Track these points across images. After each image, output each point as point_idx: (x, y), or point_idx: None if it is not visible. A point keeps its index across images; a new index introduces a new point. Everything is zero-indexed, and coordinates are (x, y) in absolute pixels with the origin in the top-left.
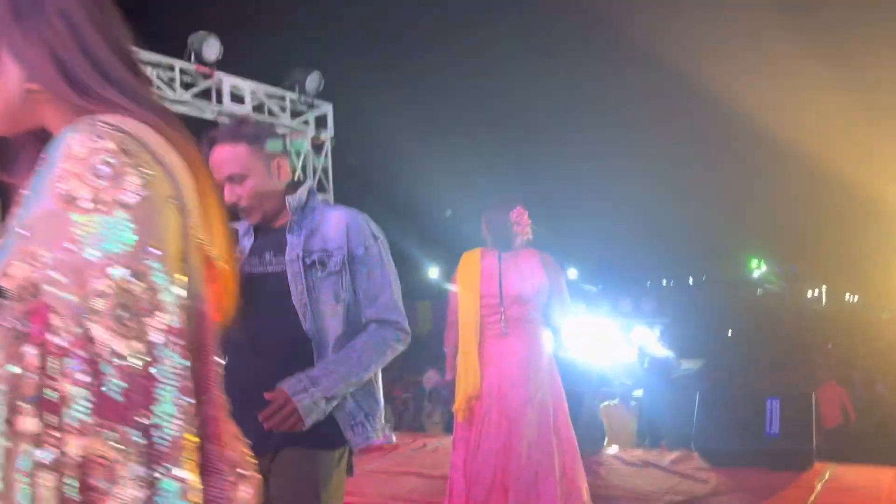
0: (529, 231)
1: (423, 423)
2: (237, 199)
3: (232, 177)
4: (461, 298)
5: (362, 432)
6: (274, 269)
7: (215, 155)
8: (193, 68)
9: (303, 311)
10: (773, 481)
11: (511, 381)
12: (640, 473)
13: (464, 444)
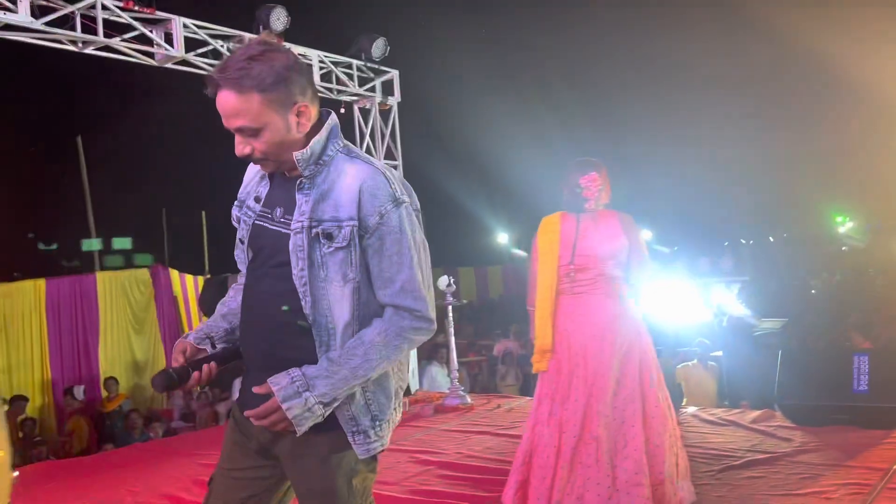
0: (603, 195)
1: (496, 384)
2: (250, 152)
3: (242, 130)
4: (541, 259)
5: (363, 441)
6: (282, 229)
7: (222, 101)
8: None
9: (303, 291)
10: (861, 439)
11: (593, 336)
12: (720, 432)
13: (550, 399)
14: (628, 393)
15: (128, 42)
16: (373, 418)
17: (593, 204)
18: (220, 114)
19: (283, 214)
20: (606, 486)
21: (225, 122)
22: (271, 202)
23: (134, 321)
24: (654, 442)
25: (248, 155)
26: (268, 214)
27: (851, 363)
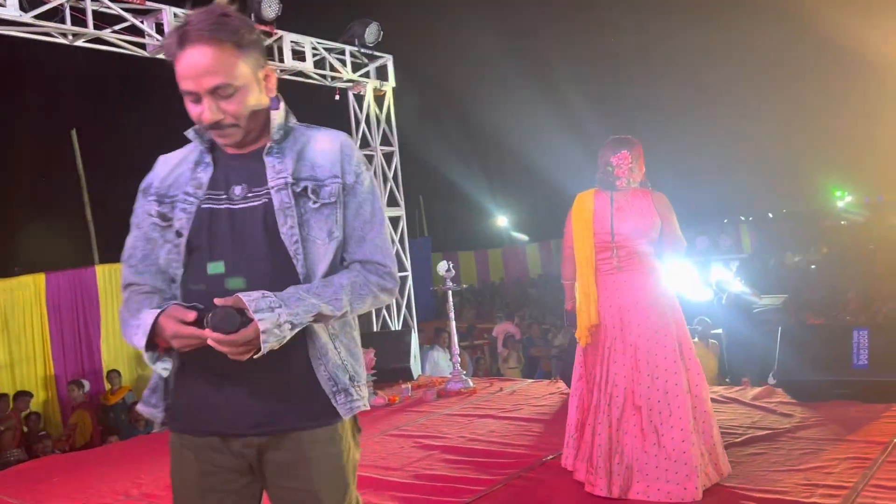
0: (635, 174)
1: (499, 368)
2: (222, 118)
3: (219, 89)
4: (576, 236)
5: (346, 401)
6: (249, 203)
7: (195, 57)
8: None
9: (294, 249)
10: (861, 414)
11: (630, 311)
12: (721, 409)
13: (592, 370)
14: (670, 364)
15: (118, 33)
16: (350, 378)
17: (624, 182)
18: (188, 73)
19: (250, 189)
20: (654, 455)
21: (194, 84)
22: (222, 184)
23: None
24: (702, 409)
25: (218, 122)
26: (221, 196)
27: (851, 338)
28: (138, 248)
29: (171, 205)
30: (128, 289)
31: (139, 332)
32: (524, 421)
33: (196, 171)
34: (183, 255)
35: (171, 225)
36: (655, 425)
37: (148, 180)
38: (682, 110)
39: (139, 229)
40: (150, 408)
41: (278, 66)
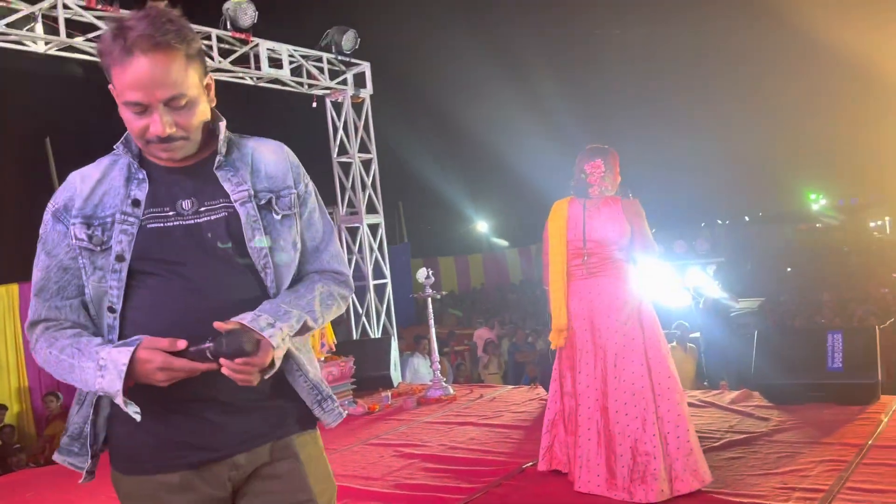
0: (608, 182)
1: (479, 374)
2: (174, 131)
3: (172, 101)
4: (551, 243)
5: (331, 408)
6: (205, 218)
7: (142, 67)
8: (230, 35)
9: (264, 262)
10: (837, 416)
11: (601, 315)
12: (699, 413)
13: (565, 374)
14: (636, 368)
15: (92, 42)
16: (326, 389)
17: (597, 190)
18: (137, 83)
19: (201, 203)
20: (620, 455)
21: (144, 95)
22: (165, 199)
23: None
24: (675, 412)
25: (168, 136)
26: (167, 213)
27: (826, 341)
28: (51, 279)
29: (102, 227)
30: (40, 325)
31: (106, 373)
32: (504, 428)
33: (129, 187)
34: (124, 281)
35: (108, 249)
36: (622, 426)
37: (62, 201)
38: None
39: (52, 258)
40: (72, 457)
41: (255, 73)
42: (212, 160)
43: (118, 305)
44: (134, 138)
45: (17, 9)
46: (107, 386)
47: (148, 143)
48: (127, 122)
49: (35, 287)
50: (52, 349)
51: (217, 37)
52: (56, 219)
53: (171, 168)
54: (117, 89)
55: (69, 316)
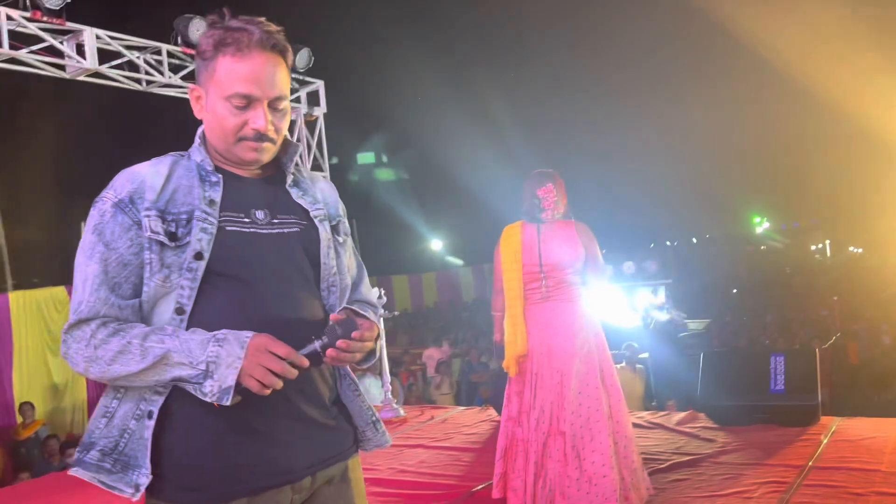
0: (560, 205)
1: (430, 395)
2: (269, 131)
3: (277, 101)
4: (505, 268)
5: (382, 430)
6: (278, 230)
7: (260, 64)
8: (180, 51)
9: (331, 280)
10: (779, 437)
11: (557, 338)
12: (646, 435)
13: (518, 397)
14: (591, 391)
15: (36, 54)
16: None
17: (550, 214)
18: (254, 77)
19: (273, 216)
20: (575, 479)
21: (258, 88)
22: (240, 205)
23: (51, 342)
24: (623, 433)
25: (265, 134)
26: (242, 219)
27: (769, 363)
28: (110, 273)
29: (176, 222)
30: (95, 322)
31: (225, 343)
32: (455, 450)
33: (204, 187)
34: (199, 281)
35: (185, 245)
36: (578, 450)
37: (126, 192)
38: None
39: (111, 250)
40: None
41: None
42: (279, 177)
43: (188, 306)
44: (223, 135)
45: None
46: (224, 355)
47: (239, 141)
48: (220, 118)
49: (88, 281)
50: (129, 338)
51: (167, 52)
52: (119, 209)
53: (241, 177)
54: (223, 83)
55: (129, 317)
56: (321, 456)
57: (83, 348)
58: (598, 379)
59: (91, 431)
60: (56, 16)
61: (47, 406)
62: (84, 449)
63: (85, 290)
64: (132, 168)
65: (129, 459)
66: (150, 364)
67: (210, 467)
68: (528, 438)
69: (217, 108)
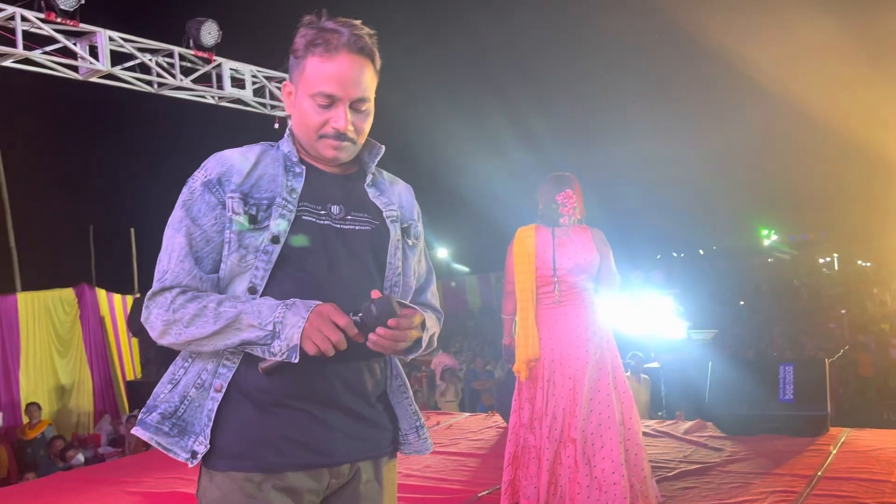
0: (578, 212)
1: (436, 401)
2: (349, 131)
3: (359, 102)
4: (517, 270)
5: (426, 436)
6: (351, 226)
7: (345, 65)
8: (192, 53)
9: (395, 281)
10: (788, 447)
11: (569, 344)
12: (654, 443)
13: (529, 404)
14: (603, 397)
15: (49, 55)
16: None
17: (568, 219)
18: (338, 77)
19: (348, 212)
20: (585, 486)
21: (341, 89)
22: (317, 198)
23: (58, 343)
24: (634, 441)
25: (345, 133)
26: (319, 211)
27: (778, 373)
28: (194, 247)
29: (257, 206)
30: (174, 290)
31: (293, 307)
32: (460, 456)
33: (284, 176)
34: (273, 263)
35: (264, 228)
36: (588, 456)
37: (215, 174)
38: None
39: (197, 226)
40: (160, 436)
41: (217, 93)
42: (360, 175)
43: (261, 287)
44: (306, 131)
45: None
46: (290, 316)
47: (321, 138)
48: (304, 114)
49: (175, 252)
50: (206, 303)
51: (179, 54)
52: (207, 189)
53: (322, 171)
54: (309, 81)
55: (208, 290)
56: (360, 448)
57: (163, 313)
58: (609, 385)
59: (155, 395)
60: (70, 17)
61: (53, 407)
62: (147, 411)
63: (171, 261)
64: (223, 152)
65: (187, 426)
66: (223, 326)
67: (260, 439)
68: (540, 445)
69: (303, 104)
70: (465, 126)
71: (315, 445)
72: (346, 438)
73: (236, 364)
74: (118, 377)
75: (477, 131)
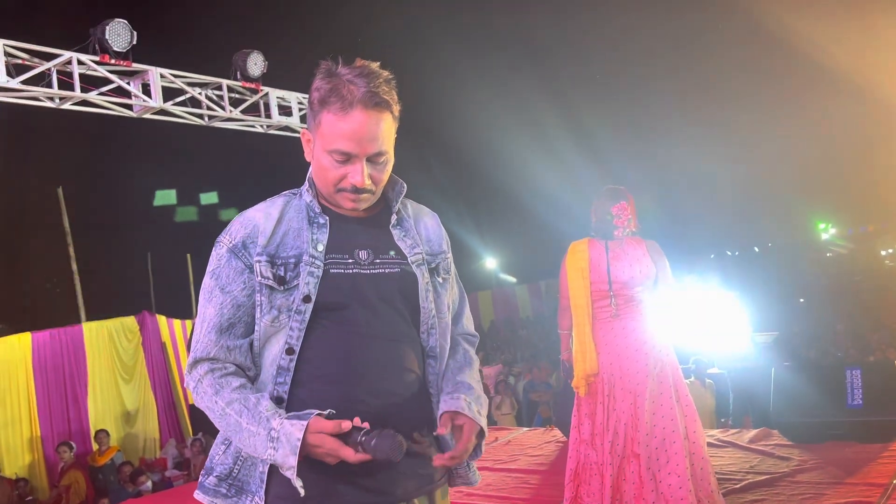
0: (633, 224)
1: (492, 415)
2: (366, 185)
3: (376, 156)
4: (572, 285)
5: (473, 471)
6: (380, 270)
7: (360, 121)
8: (240, 85)
9: (431, 322)
10: (859, 455)
11: (629, 358)
12: (718, 454)
13: (590, 419)
14: (666, 411)
15: (105, 95)
16: None
17: (622, 232)
18: (353, 136)
19: (377, 255)
20: (652, 501)
21: (356, 146)
22: (344, 247)
23: (122, 370)
24: (700, 455)
25: (361, 188)
26: (346, 260)
27: (844, 377)
28: (224, 315)
29: (284, 265)
30: (205, 364)
31: (279, 446)
32: (521, 472)
33: (312, 230)
34: (307, 323)
35: (293, 288)
36: (653, 472)
37: (240, 237)
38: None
39: (226, 294)
40: (219, 498)
41: (265, 121)
42: (385, 215)
43: (297, 346)
44: (325, 184)
45: (32, 65)
46: (280, 459)
47: (338, 192)
48: (322, 168)
49: (206, 324)
50: (218, 398)
51: (227, 86)
52: (234, 254)
53: (346, 217)
54: (325, 137)
55: (237, 358)
56: (415, 484)
57: (192, 386)
58: (672, 399)
59: (211, 457)
60: (123, 58)
61: (120, 433)
62: (205, 473)
63: (201, 331)
64: (247, 213)
65: (243, 485)
66: (226, 428)
67: (319, 484)
68: (602, 461)
69: (321, 158)
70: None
71: (372, 486)
72: (401, 477)
73: None
74: (181, 401)
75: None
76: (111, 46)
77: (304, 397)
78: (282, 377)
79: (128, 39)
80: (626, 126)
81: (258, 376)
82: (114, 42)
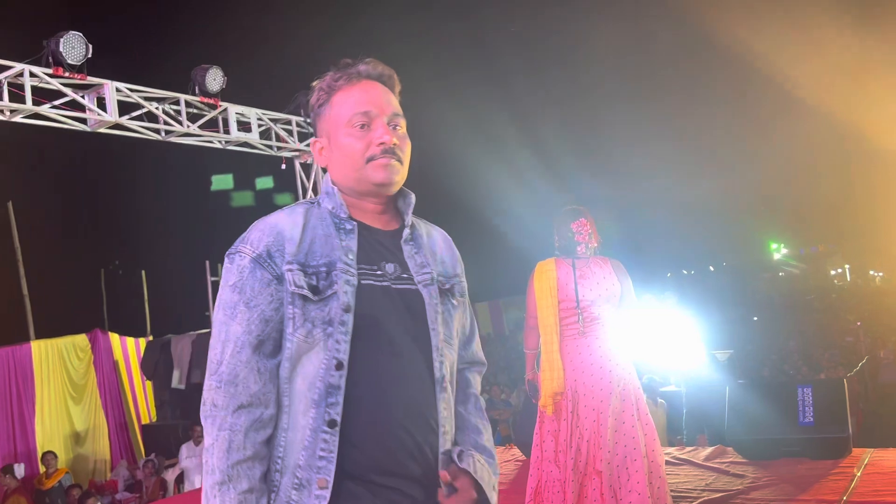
0: (594, 239)
1: None
2: (394, 142)
3: (394, 119)
4: (540, 304)
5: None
6: (406, 286)
7: (371, 89)
8: (198, 100)
9: (442, 349)
10: (811, 471)
11: (593, 375)
12: (674, 472)
13: (553, 437)
14: (628, 429)
15: (58, 108)
16: None
17: (584, 248)
18: (367, 98)
19: (404, 269)
20: None
21: (375, 106)
22: (372, 258)
23: (72, 389)
24: (657, 473)
25: (393, 148)
26: (376, 272)
27: (796, 395)
28: (253, 332)
29: (316, 274)
30: (245, 413)
31: None
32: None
33: (336, 237)
34: (351, 334)
35: (329, 297)
36: (615, 490)
37: (263, 246)
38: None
39: (252, 309)
40: None
41: (224, 137)
42: (400, 231)
43: (346, 359)
44: (352, 163)
45: None
46: None
47: (369, 161)
48: (346, 148)
49: (230, 342)
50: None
51: (186, 101)
52: (258, 265)
53: (371, 228)
54: (341, 112)
55: (267, 386)
56: None
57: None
58: (634, 416)
59: None
60: (77, 71)
61: (69, 454)
62: None
63: (225, 352)
64: (267, 219)
65: None
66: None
67: None
68: (565, 478)
69: (341, 140)
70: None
71: None
72: None
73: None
74: (133, 421)
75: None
76: (65, 59)
77: (358, 420)
78: (333, 397)
79: (83, 52)
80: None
81: (281, 411)
82: (68, 55)
